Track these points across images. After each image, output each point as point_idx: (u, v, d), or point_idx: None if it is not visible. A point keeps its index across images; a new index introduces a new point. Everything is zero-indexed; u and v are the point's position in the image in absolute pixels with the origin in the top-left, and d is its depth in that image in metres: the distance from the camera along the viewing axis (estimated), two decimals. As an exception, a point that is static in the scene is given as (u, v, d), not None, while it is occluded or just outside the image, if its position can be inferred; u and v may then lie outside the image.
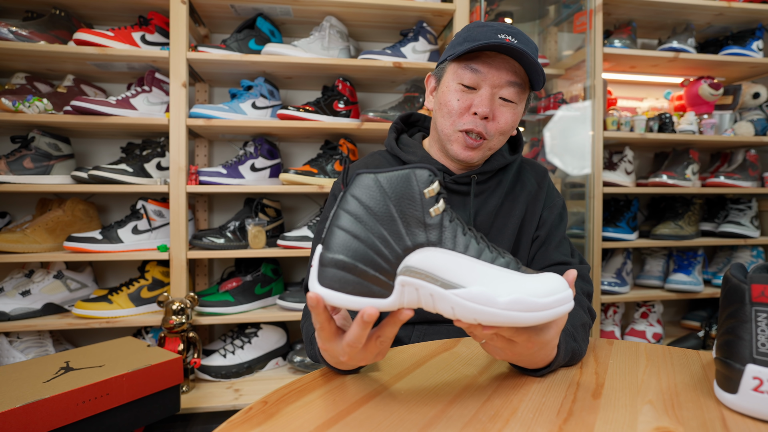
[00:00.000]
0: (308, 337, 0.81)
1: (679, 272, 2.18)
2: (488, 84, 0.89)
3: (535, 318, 0.54)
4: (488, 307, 0.53)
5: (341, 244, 0.54)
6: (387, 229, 0.54)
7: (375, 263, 0.54)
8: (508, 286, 0.54)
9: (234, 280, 1.86)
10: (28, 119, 1.66)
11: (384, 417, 0.56)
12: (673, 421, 0.55)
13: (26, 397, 1.09)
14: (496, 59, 0.89)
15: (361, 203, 0.54)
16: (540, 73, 0.89)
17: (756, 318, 0.55)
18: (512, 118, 0.93)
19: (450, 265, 0.54)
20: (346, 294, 0.53)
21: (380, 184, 0.54)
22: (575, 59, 2.13)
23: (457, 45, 0.91)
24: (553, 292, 0.55)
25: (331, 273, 0.53)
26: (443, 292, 0.53)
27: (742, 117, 2.30)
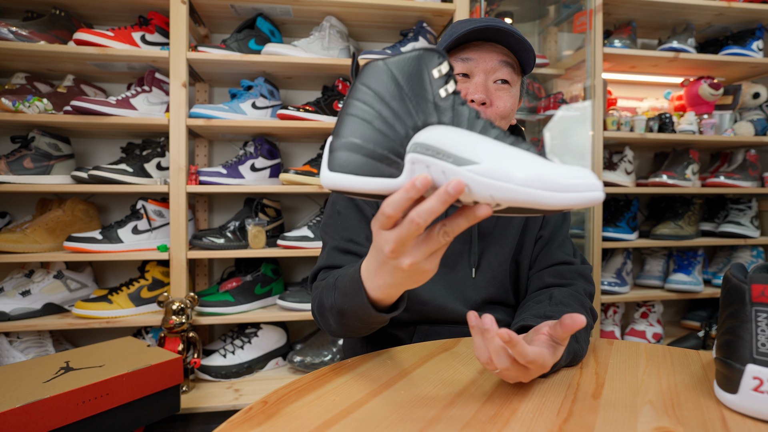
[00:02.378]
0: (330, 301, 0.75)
1: (679, 272, 2.18)
2: (481, 70, 0.90)
3: (557, 199, 0.46)
4: (505, 182, 0.47)
5: (351, 129, 0.53)
6: (396, 110, 0.52)
7: (384, 142, 0.52)
8: (528, 163, 0.48)
9: (234, 280, 1.85)
10: (28, 119, 1.65)
11: (384, 417, 0.56)
12: (673, 421, 0.55)
13: (26, 397, 1.08)
14: (484, 45, 0.90)
15: (370, 89, 0.53)
16: (530, 51, 0.90)
17: (756, 318, 0.55)
18: (510, 101, 0.92)
19: (463, 142, 0.50)
20: (355, 175, 0.52)
21: (389, 69, 0.53)
22: (575, 59, 2.13)
23: (445, 40, 0.92)
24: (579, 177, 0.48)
25: (341, 156, 0.53)
26: (456, 169, 0.48)
27: (742, 117, 2.30)
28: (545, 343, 0.62)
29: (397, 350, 0.81)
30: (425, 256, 0.53)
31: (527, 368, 0.60)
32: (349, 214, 0.98)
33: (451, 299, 0.96)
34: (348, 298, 0.68)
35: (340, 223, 0.98)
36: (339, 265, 0.90)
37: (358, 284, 0.64)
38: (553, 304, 0.82)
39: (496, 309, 1.01)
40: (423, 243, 0.52)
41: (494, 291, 0.99)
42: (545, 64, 2.18)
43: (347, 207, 0.99)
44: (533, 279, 1.00)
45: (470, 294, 0.98)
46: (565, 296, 0.86)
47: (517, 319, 0.80)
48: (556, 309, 0.79)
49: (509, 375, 0.61)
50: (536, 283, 0.98)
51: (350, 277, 0.68)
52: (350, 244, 0.94)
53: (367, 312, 0.65)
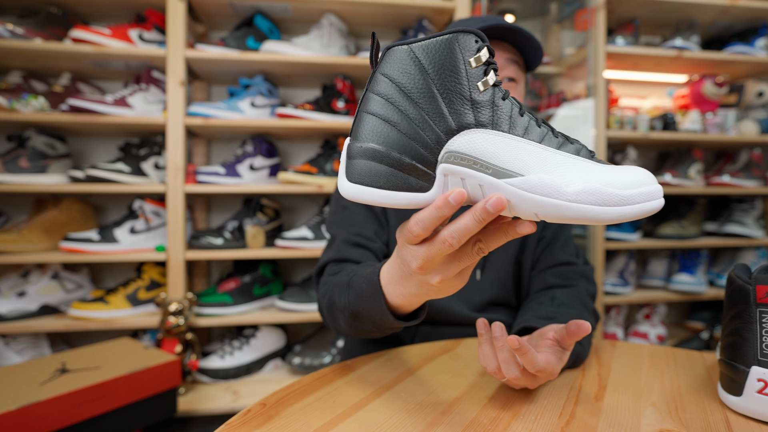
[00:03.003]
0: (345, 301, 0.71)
1: (683, 273, 2.17)
2: None
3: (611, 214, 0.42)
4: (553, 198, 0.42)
5: (371, 131, 0.46)
6: (425, 109, 0.45)
7: (412, 150, 0.45)
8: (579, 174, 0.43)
9: (232, 281, 1.84)
10: (24, 118, 1.65)
11: (384, 419, 0.56)
12: (677, 424, 0.54)
13: (22, 399, 1.08)
14: (491, 43, 0.89)
15: (393, 81, 0.46)
16: (537, 49, 0.89)
17: (761, 319, 0.54)
18: (518, 98, 0.92)
19: (504, 149, 0.44)
20: (378, 189, 0.45)
21: (415, 57, 0.45)
22: (577, 57, 2.12)
23: None
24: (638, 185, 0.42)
25: (361, 165, 0.46)
26: (495, 182, 0.43)
27: (747, 115, 2.28)
28: (552, 350, 0.61)
29: (398, 352, 0.80)
30: (456, 272, 0.49)
31: (535, 376, 0.59)
32: (356, 210, 0.97)
33: (455, 301, 0.95)
34: (364, 300, 0.64)
35: (347, 218, 0.96)
36: (350, 258, 0.88)
37: (377, 288, 0.61)
38: (556, 305, 0.81)
39: (499, 310, 1.00)
40: (455, 259, 0.48)
41: (497, 292, 0.99)
42: (547, 62, 2.17)
43: (353, 203, 0.98)
44: (535, 279, 0.99)
45: (474, 296, 0.97)
46: (567, 297, 0.86)
47: (518, 320, 0.79)
48: (559, 310, 0.78)
49: (517, 383, 0.60)
50: (538, 283, 0.97)
51: (367, 280, 0.64)
52: (359, 238, 0.92)
53: (385, 318, 0.62)
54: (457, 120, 0.45)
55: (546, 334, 0.63)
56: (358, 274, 0.69)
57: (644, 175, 0.43)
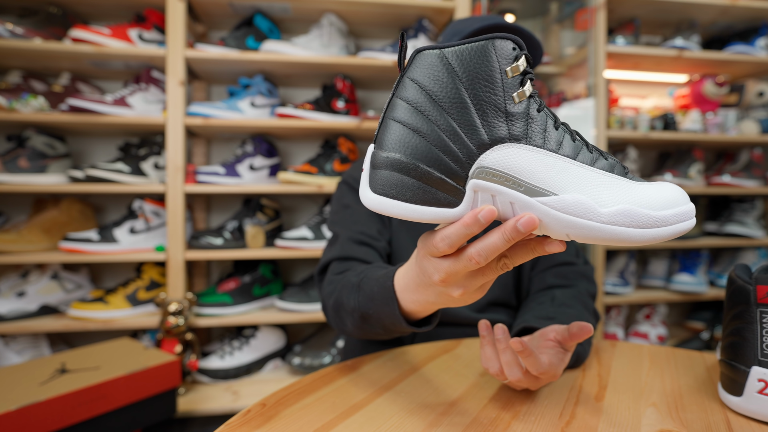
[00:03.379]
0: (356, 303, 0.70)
1: (683, 273, 2.16)
2: None
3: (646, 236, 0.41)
4: (586, 219, 0.41)
5: (397, 140, 0.43)
6: (457, 120, 0.43)
7: (441, 163, 0.43)
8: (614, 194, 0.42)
9: (232, 281, 1.84)
10: (24, 118, 1.64)
11: (384, 420, 0.56)
12: (677, 424, 0.54)
13: (21, 399, 1.08)
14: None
15: (422, 88, 0.43)
16: (537, 48, 0.88)
17: (761, 319, 0.54)
18: None
19: (538, 166, 0.43)
20: (403, 202, 0.43)
21: (448, 62, 0.43)
22: (578, 57, 2.12)
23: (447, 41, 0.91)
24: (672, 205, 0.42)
25: (386, 176, 0.44)
26: (528, 200, 0.42)
27: (747, 115, 2.28)
28: (554, 351, 0.60)
29: (398, 352, 0.80)
30: (478, 286, 0.49)
31: (538, 378, 0.58)
32: (359, 209, 0.97)
33: None
34: (375, 304, 0.64)
35: (349, 217, 0.96)
36: (354, 256, 0.87)
37: (390, 293, 0.60)
38: (556, 305, 0.81)
39: (499, 310, 1.00)
40: (478, 274, 0.48)
41: (498, 292, 0.99)
42: (547, 62, 2.17)
43: (356, 201, 0.97)
44: (535, 279, 0.99)
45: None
46: (567, 297, 0.85)
47: (518, 320, 0.79)
48: (559, 310, 0.78)
49: (519, 385, 0.60)
50: (538, 283, 0.97)
51: (379, 284, 0.63)
52: (363, 236, 0.91)
53: (397, 323, 0.61)
54: (490, 133, 0.43)
55: (547, 335, 0.62)
56: (368, 276, 0.68)
57: (678, 193, 0.43)
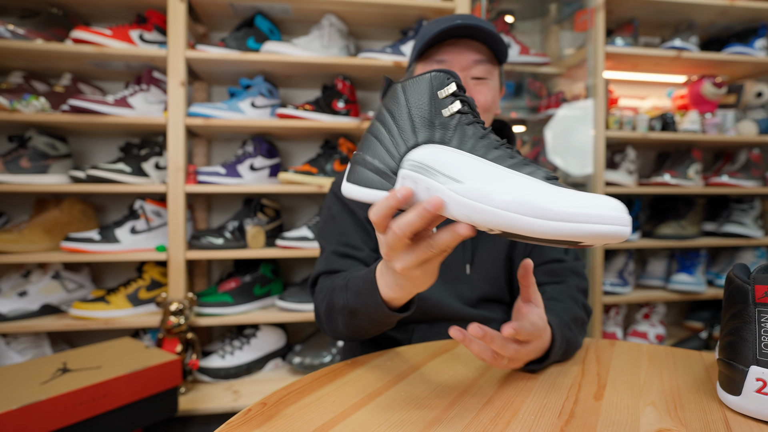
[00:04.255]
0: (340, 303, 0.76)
1: (682, 273, 2.17)
2: (457, 69, 0.92)
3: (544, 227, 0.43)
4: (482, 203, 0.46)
5: (366, 146, 0.57)
6: (401, 129, 0.55)
7: (385, 159, 0.56)
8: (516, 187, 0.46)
9: (233, 281, 1.85)
10: (25, 118, 1.65)
11: (384, 419, 0.56)
12: (676, 423, 0.55)
13: (23, 398, 1.08)
14: (457, 45, 0.92)
15: (387, 110, 0.57)
16: (501, 43, 0.92)
17: (759, 319, 0.55)
18: (490, 94, 0.95)
19: (454, 161, 0.51)
20: (358, 186, 0.56)
21: (402, 90, 0.56)
22: (577, 58, 2.13)
23: (417, 46, 0.95)
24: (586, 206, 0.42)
25: (356, 170, 0.57)
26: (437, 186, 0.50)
27: (746, 116, 2.29)
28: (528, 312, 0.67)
29: (397, 351, 0.80)
30: (414, 263, 0.55)
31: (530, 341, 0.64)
32: (344, 219, 1.00)
33: (447, 296, 0.97)
34: (362, 297, 0.69)
35: (335, 228, 0.99)
36: (339, 269, 0.92)
37: (373, 284, 0.66)
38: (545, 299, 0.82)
39: (492, 307, 1.01)
40: (411, 251, 0.54)
41: (489, 288, 1.00)
42: (546, 63, 2.18)
43: (341, 212, 1.01)
44: None
45: (465, 291, 0.98)
46: (557, 293, 0.89)
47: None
48: (548, 304, 0.80)
49: (519, 356, 0.64)
50: None
51: (364, 278, 0.69)
52: (347, 248, 0.95)
53: (380, 310, 0.66)
54: (423, 136, 0.54)
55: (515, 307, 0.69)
56: (355, 276, 0.74)
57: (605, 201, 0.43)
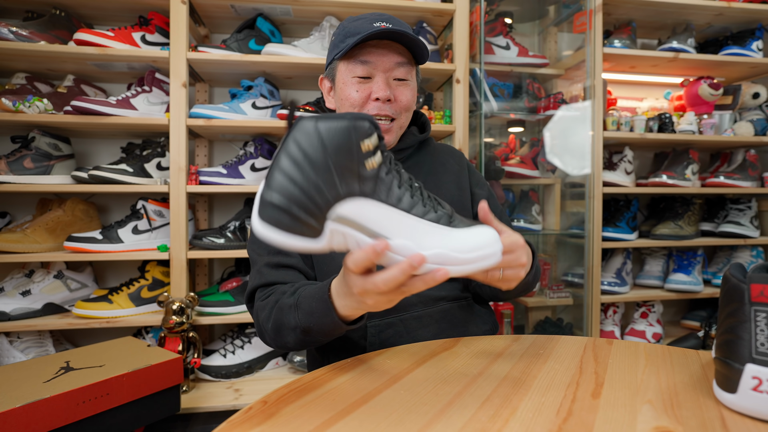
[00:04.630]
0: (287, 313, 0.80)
1: (679, 272, 2.18)
2: (380, 70, 0.97)
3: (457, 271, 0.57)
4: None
5: (278, 186, 0.54)
6: (321, 178, 0.54)
7: (307, 208, 0.54)
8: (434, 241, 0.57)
9: (234, 280, 1.86)
10: (29, 119, 1.65)
11: (383, 417, 0.56)
12: (673, 421, 0.55)
13: (26, 396, 1.09)
14: (380, 47, 0.96)
15: (300, 148, 0.54)
16: (423, 48, 0.97)
17: (755, 318, 0.55)
18: (411, 94, 1.01)
19: (377, 216, 0.56)
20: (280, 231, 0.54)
21: (320, 133, 0.54)
22: (575, 59, 2.13)
23: (340, 43, 0.98)
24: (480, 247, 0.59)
25: (270, 211, 0.54)
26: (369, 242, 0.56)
27: (742, 117, 2.30)
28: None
29: (397, 350, 0.81)
30: (386, 300, 0.62)
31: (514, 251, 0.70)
32: None
33: None
34: (315, 316, 0.73)
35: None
36: (274, 281, 0.93)
37: (327, 304, 0.71)
38: None
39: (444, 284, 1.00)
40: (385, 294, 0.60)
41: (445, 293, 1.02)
42: (545, 65, 2.18)
43: None
44: None
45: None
46: None
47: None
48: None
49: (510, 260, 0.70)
50: None
51: (317, 298, 0.73)
52: (279, 257, 0.96)
53: (336, 327, 0.72)
54: (345, 189, 0.55)
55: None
56: (303, 295, 0.78)
57: (488, 236, 0.60)
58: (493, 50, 2.10)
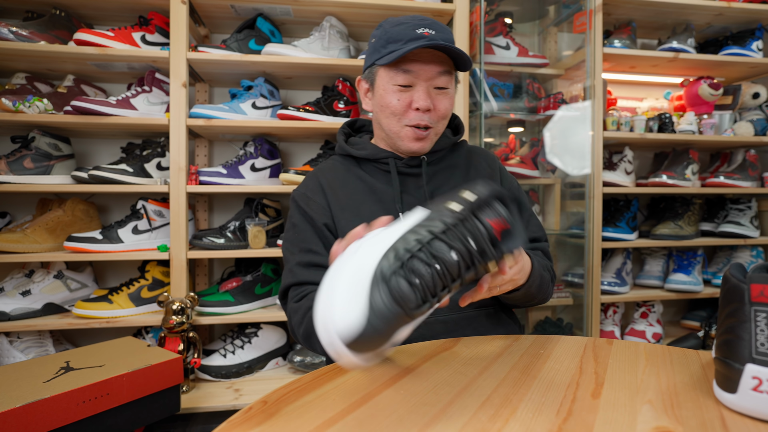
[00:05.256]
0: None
1: (679, 272, 2.18)
2: (422, 80, 0.97)
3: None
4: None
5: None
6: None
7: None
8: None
9: (234, 280, 1.86)
10: (29, 119, 1.66)
11: (384, 417, 0.56)
12: (673, 421, 0.55)
13: (26, 396, 1.09)
14: (423, 54, 0.96)
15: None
16: (466, 59, 0.97)
17: (755, 318, 0.54)
18: (449, 103, 1.02)
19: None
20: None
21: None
22: (575, 59, 2.14)
23: (381, 47, 0.98)
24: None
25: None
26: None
27: (742, 117, 2.30)
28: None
29: (397, 350, 0.81)
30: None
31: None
32: (304, 227, 1.03)
33: None
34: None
35: (297, 236, 1.03)
36: (306, 280, 0.96)
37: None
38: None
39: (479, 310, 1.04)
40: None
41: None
42: (545, 65, 2.18)
43: (301, 220, 1.04)
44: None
45: None
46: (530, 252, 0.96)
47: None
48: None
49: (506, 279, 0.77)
50: None
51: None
52: (310, 255, 0.99)
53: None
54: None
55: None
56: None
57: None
58: (493, 50, 2.10)
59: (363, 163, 1.09)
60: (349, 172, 1.08)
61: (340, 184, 1.06)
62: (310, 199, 1.05)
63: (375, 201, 1.03)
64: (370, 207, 1.02)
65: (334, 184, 1.06)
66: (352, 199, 1.04)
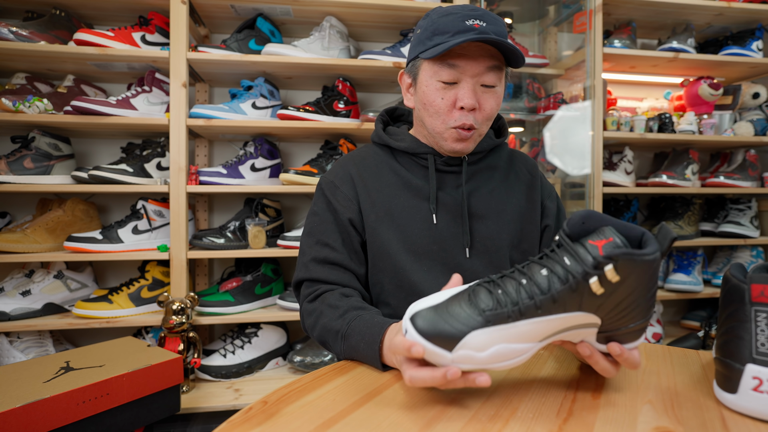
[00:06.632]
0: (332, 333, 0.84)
1: (679, 272, 2.18)
2: (468, 75, 0.89)
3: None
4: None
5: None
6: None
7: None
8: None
9: (234, 280, 1.86)
10: (29, 119, 1.66)
11: (384, 417, 0.56)
12: (673, 421, 0.55)
13: (26, 397, 1.09)
14: (471, 48, 0.88)
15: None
16: (519, 55, 0.88)
17: (755, 318, 0.55)
18: (496, 102, 0.93)
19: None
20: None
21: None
22: (575, 59, 2.13)
23: (426, 40, 0.90)
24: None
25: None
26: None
27: (742, 117, 2.30)
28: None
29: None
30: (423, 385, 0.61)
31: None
32: (326, 217, 0.99)
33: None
34: (360, 355, 0.76)
35: (316, 225, 0.99)
36: (319, 278, 0.94)
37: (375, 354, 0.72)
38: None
39: None
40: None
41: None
42: (545, 65, 2.19)
43: (324, 210, 0.99)
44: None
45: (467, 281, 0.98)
46: None
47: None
48: None
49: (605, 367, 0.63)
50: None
51: (366, 341, 0.74)
52: (326, 250, 0.95)
53: (377, 367, 0.73)
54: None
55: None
56: (353, 328, 0.79)
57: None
58: (493, 50, 2.09)
59: (399, 155, 1.03)
60: (384, 163, 1.02)
61: (372, 175, 1.01)
62: (337, 188, 0.99)
63: (409, 197, 0.98)
64: (402, 203, 0.98)
65: (366, 174, 1.01)
66: (383, 193, 0.99)
